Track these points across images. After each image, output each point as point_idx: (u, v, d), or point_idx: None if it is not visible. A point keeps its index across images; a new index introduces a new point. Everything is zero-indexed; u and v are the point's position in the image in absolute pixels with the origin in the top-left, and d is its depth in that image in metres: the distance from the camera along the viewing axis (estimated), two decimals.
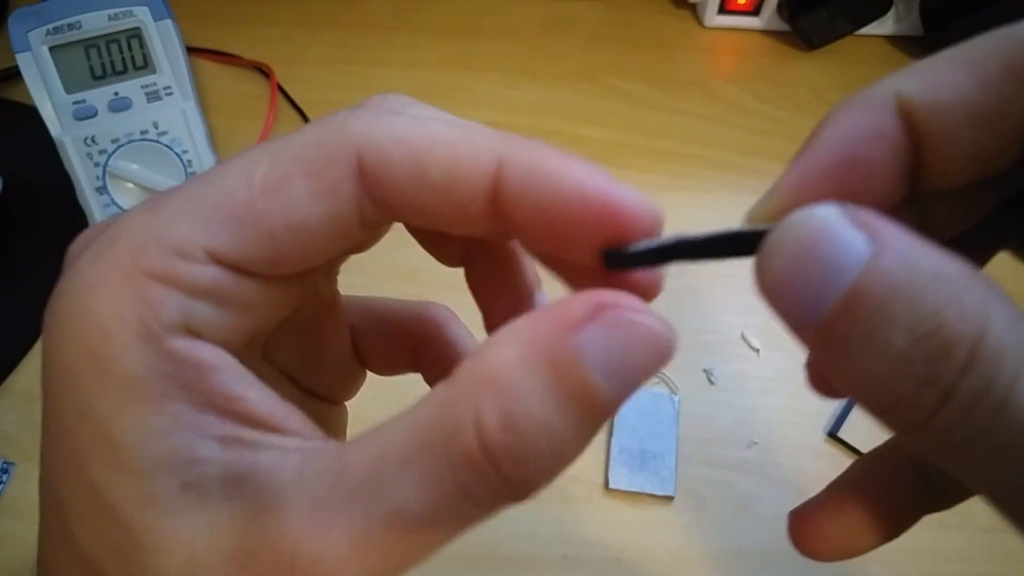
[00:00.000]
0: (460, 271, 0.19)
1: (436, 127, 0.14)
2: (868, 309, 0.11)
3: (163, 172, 0.44)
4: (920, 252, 0.11)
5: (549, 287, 0.18)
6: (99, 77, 0.43)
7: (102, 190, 0.43)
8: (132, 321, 0.12)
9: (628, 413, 0.41)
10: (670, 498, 0.39)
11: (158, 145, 0.44)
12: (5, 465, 0.39)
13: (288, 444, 0.13)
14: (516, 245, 0.18)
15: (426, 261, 0.19)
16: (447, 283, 0.46)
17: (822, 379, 0.17)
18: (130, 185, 0.44)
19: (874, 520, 0.18)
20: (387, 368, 0.22)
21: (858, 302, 0.11)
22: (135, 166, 0.43)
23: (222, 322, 0.13)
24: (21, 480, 0.39)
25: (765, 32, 0.62)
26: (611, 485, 0.39)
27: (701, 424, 0.41)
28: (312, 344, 0.19)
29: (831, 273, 0.11)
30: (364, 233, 0.15)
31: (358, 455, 0.13)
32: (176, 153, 0.44)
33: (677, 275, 0.47)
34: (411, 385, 0.21)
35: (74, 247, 0.14)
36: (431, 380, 0.21)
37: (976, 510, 0.17)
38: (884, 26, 0.60)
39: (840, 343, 0.11)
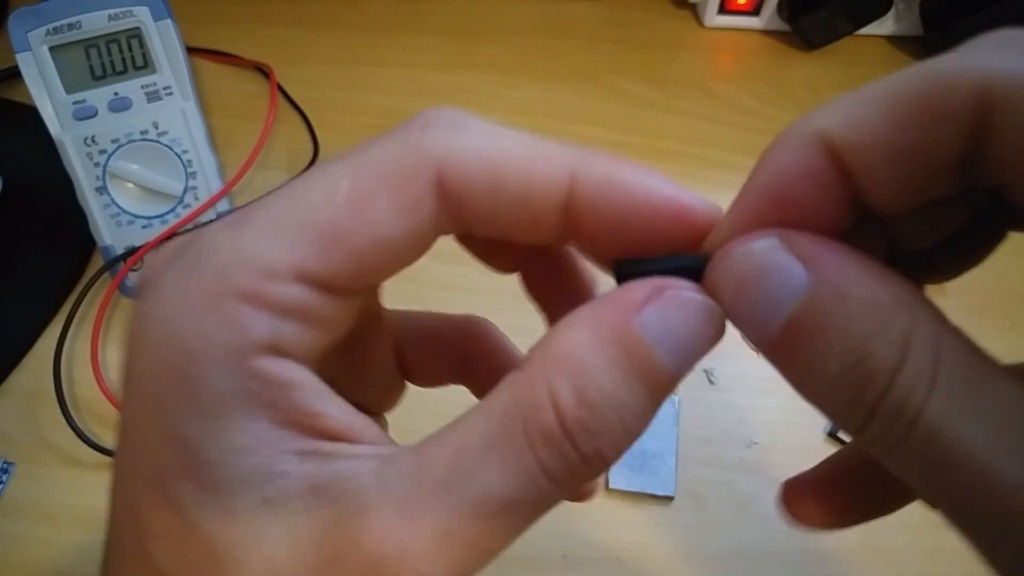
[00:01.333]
0: (459, 271, 0.20)
1: (510, 142, 0.14)
2: (805, 338, 0.13)
3: (163, 172, 0.44)
4: (854, 279, 0.13)
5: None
6: (99, 77, 0.43)
7: (102, 190, 0.43)
8: (221, 343, 0.13)
9: None
10: (670, 498, 0.39)
11: (158, 145, 0.44)
12: (5, 465, 0.39)
13: (365, 451, 0.14)
14: (571, 247, 0.19)
15: (426, 260, 0.19)
16: (444, 283, 0.46)
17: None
18: (130, 185, 0.44)
19: (863, 497, 0.19)
20: (430, 380, 0.22)
21: (796, 332, 0.13)
22: (135, 166, 0.43)
23: (305, 339, 0.14)
24: (21, 480, 0.39)
25: (765, 32, 0.62)
26: (611, 485, 0.39)
27: (701, 424, 0.41)
28: (357, 356, 0.19)
29: (772, 304, 0.13)
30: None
31: (437, 451, 0.13)
32: (176, 153, 0.44)
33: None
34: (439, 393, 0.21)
35: (151, 266, 0.14)
36: (479, 392, 0.22)
37: None
38: (884, 26, 0.60)
39: (786, 363, 0.13)
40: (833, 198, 0.14)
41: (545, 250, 0.19)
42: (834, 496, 0.19)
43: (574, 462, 0.13)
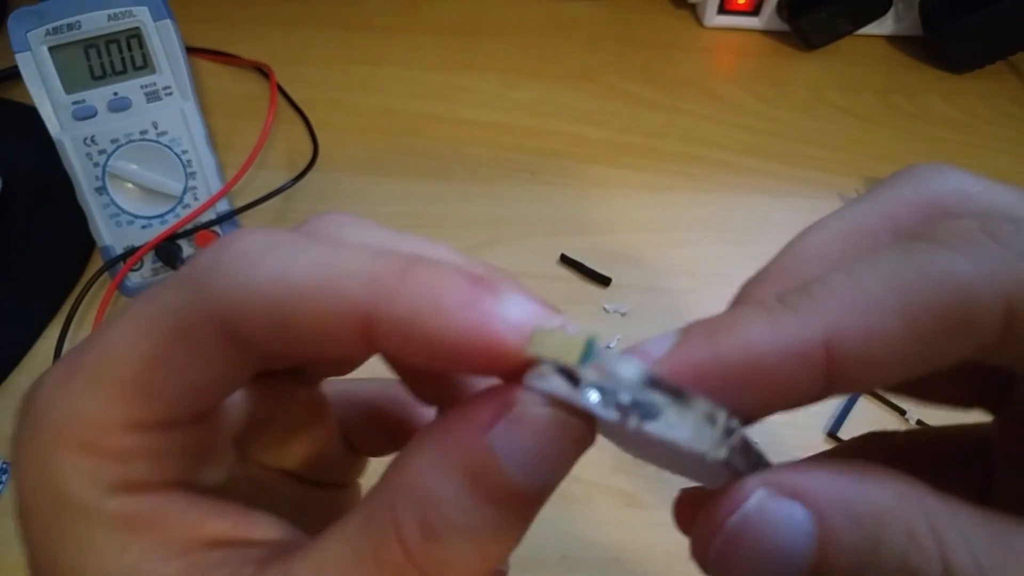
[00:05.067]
0: None
1: (303, 279, 0.13)
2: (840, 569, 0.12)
3: (162, 172, 0.44)
4: (856, 495, 0.12)
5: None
6: (99, 77, 0.43)
7: (101, 190, 0.43)
8: (73, 495, 0.14)
9: None
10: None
11: (158, 145, 0.44)
12: (5, 465, 0.39)
13: (251, 555, 0.14)
14: None
15: None
16: None
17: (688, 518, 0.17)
18: (129, 185, 0.44)
19: None
20: (376, 451, 0.22)
21: (826, 568, 0.12)
22: (134, 166, 0.43)
23: (162, 466, 0.14)
24: None
25: (765, 32, 0.62)
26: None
27: None
28: (302, 444, 0.19)
29: (788, 560, 0.12)
30: (278, 364, 0.16)
31: (301, 570, 0.13)
32: (176, 153, 0.44)
33: (677, 275, 0.47)
34: None
35: (23, 400, 0.15)
36: None
37: None
38: (884, 26, 0.60)
39: None
40: (815, 388, 0.13)
41: None
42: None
43: None
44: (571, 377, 0.13)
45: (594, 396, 0.12)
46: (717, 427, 0.12)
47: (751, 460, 0.13)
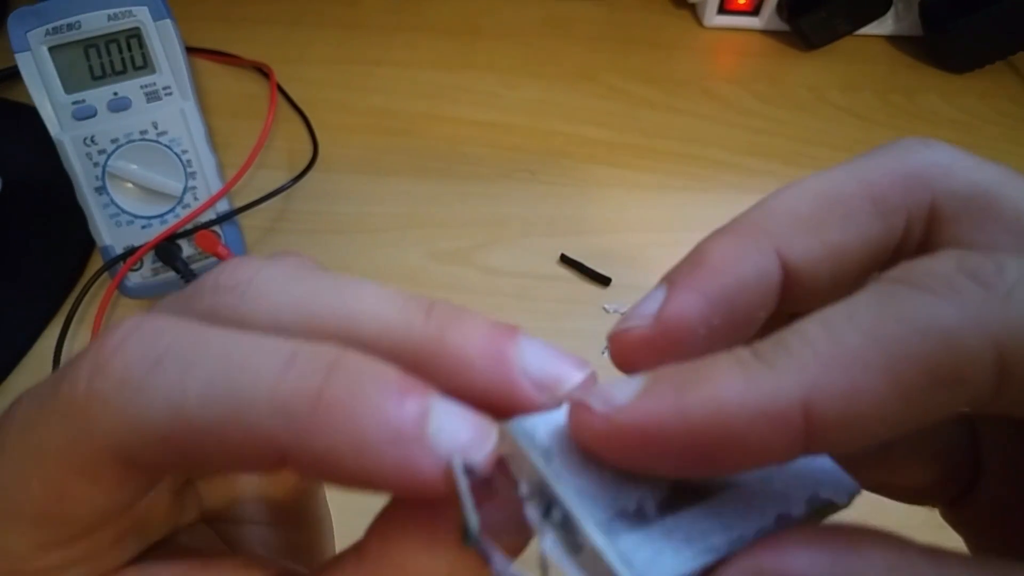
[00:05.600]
0: (459, 271, 0.19)
1: (199, 411, 0.12)
2: None
3: (162, 172, 0.44)
4: (820, 566, 0.11)
5: None
6: (99, 77, 0.43)
7: (101, 190, 0.43)
8: None
9: None
10: None
11: (157, 145, 0.44)
12: None
13: None
14: None
15: (426, 260, 0.19)
16: (447, 282, 0.46)
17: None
18: (129, 185, 0.44)
19: None
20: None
21: None
22: (134, 166, 0.43)
23: (98, 562, 0.14)
24: None
25: (765, 32, 0.62)
26: None
27: None
28: (231, 484, 0.19)
29: None
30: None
31: None
32: (175, 153, 0.44)
33: None
34: None
35: None
36: None
37: None
38: (884, 26, 0.60)
39: None
40: (790, 451, 0.12)
41: None
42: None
43: None
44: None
45: (548, 539, 0.13)
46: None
47: None
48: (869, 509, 0.20)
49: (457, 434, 0.12)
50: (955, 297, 0.12)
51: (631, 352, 0.15)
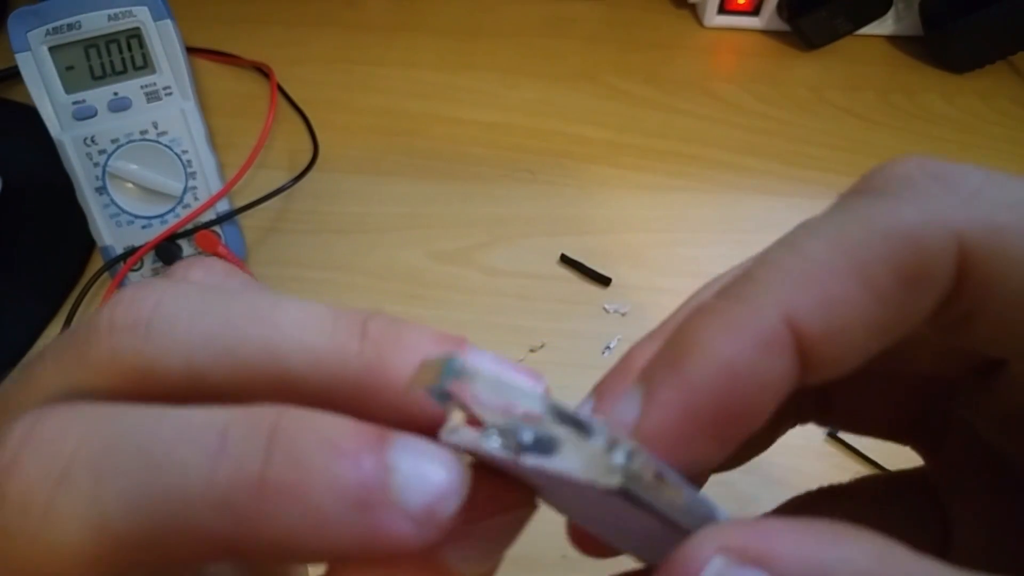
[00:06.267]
0: (459, 271, 0.19)
1: (125, 516, 0.10)
2: None
3: (163, 172, 0.44)
4: (830, 560, 0.10)
5: None
6: (99, 77, 0.43)
7: (102, 190, 0.43)
8: None
9: None
10: None
11: (158, 145, 0.44)
12: None
13: None
14: None
15: (426, 261, 0.19)
16: (447, 282, 0.46)
17: (583, 537, 0.16)
18: (130, 185, 0.44)
19: None
20: None
21: None
22: (135, 166, 0.43)
23: None
24: None
25: (765, 32, 0.62)
26: None
27: None
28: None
29: None
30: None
31: None
32: (176, 153, 0.44)
33: (677, 275, 0.47)
34: None
35: None
36: None
37: None
38: (884, 26, 0.60)
39: None
40: (783, 386, 0.12)
41: None
42: None
43: None
44: (478, 424, 0.11)
45: (494, 441, 0.11)
46: (616, 453, 0.10)
47: (676, 505, 0.11)
48: None
49: (428, 481, 0.11)
50: (917, 198, 0.12)
51: None
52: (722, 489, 0.39)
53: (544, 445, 0.11)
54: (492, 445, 0.11)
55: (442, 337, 0.12)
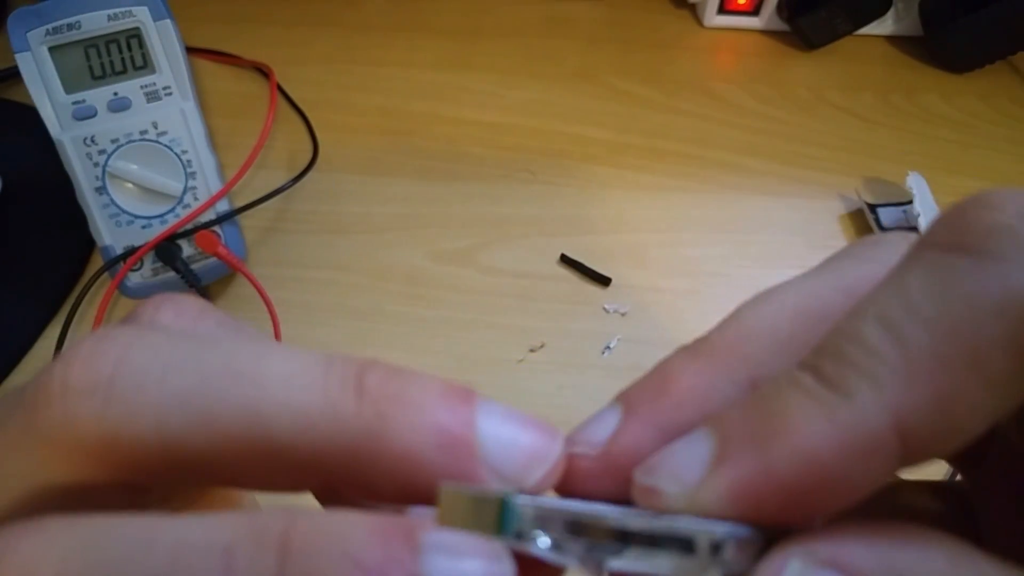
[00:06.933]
0: (459, 271, 0.19)
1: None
2: None
3: (163, 172, 0.44)
4: (903, 564, 0.10)
5: None
6: (99, 77, 0.43)
7: (102, 190, 0.43)
8: None
9: None
10: None
11: (158, 145, 0.44)
12: None
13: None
14: None
15: (426, 260, 0.19)
16: (447, 282, 0.46)
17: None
18: (129, 185, 0.44)
19: None
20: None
21: None
22: (135, 166, 0.43)
23: None
24: None
25: (765, 32, 0.62)
26: None
27: None
28: None
29: None
30: None
31: None
32: (176, 153, 0.44)
33: (677, 276, 0.47)
34: None
35: None
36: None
37: None
38: (884, 26, 0.60)
39: None
40: (888, 475, 0.11)
41: None
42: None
43: None
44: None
45: (543, 541, 0.11)
46: (700, 551, 0.11)
47: (753, 550, 0.11)
48: None
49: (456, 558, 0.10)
50: (1022, 255, 0.10)
51: (575, 480, 0.13)
52: None
53: (605, 548, 0.11)
54: (542, 548, 0.11)
55: (448, 391, 0.11)
